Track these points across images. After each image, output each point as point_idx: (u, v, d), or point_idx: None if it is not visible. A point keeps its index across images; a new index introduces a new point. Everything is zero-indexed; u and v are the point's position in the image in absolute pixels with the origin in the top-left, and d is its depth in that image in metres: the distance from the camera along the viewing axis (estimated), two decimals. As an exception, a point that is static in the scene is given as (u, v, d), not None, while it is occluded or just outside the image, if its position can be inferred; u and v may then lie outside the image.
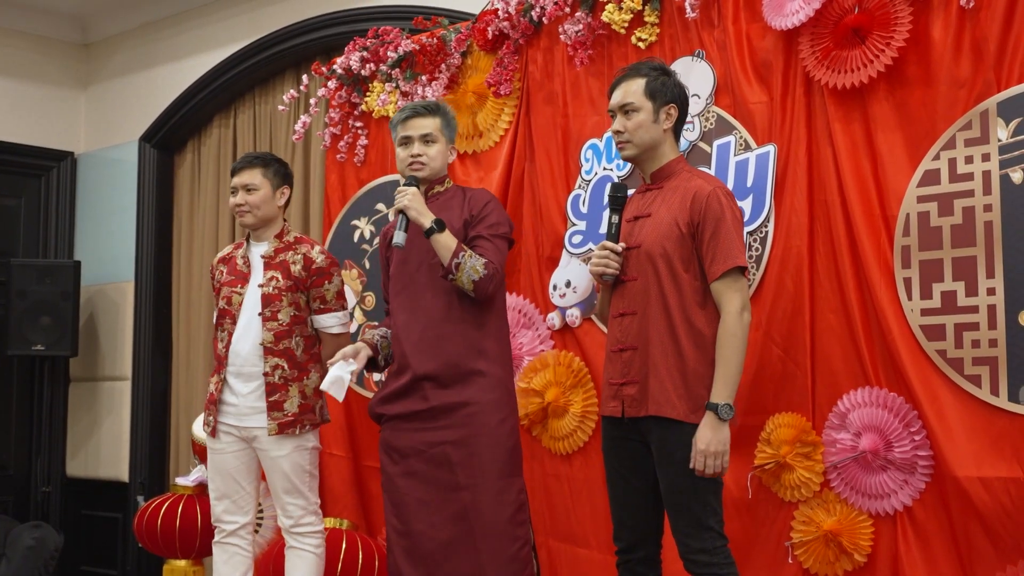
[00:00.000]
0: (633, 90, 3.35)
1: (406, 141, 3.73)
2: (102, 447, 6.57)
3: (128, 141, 6.64)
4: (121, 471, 6.45)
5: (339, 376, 3.61)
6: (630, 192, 3.47)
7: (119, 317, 6.57)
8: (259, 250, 4.05)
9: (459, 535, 3.56)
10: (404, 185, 3.67)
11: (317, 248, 4.04)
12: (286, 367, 3.93)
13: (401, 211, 3.61)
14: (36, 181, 6.84)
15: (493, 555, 3.54)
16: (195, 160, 6.47)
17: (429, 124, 3.72)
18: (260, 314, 3.94)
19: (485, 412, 3.59)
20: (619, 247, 3.33)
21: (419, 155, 3.70)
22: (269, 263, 4.00)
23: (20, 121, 6.72)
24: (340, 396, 3.64)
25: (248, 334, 3.96)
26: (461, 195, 3.76)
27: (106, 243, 6.71)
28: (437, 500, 3.60)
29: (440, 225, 3.57)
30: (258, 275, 4.00)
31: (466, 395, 3.60)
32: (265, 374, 3.92)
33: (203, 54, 6.25)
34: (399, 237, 3.60)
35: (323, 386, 3.62)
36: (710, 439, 3.09)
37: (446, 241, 3.55)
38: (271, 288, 3.95)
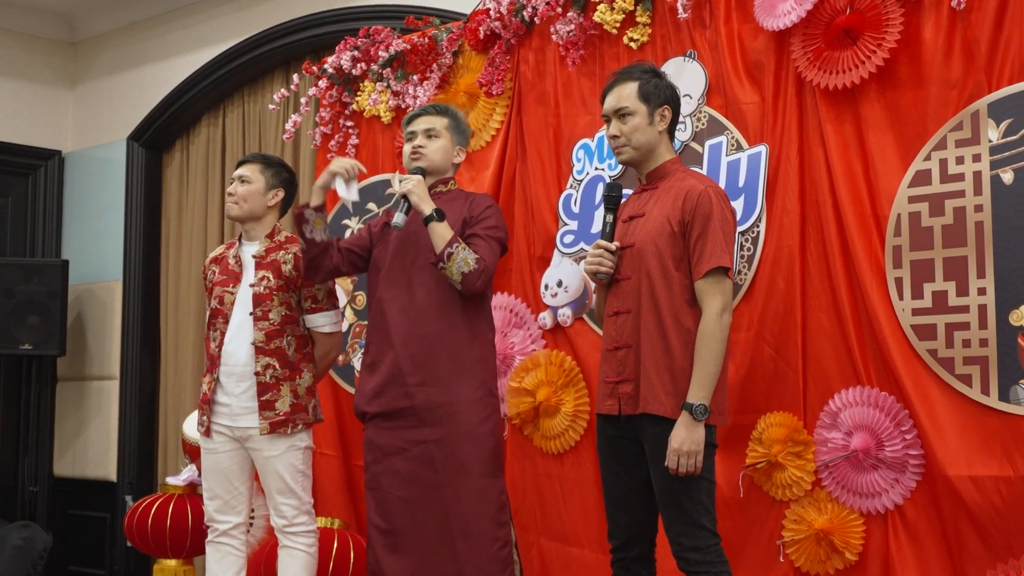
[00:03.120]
0: (626, 94, 3.36)
1: (411, 136, 3.82)
2: (90, 447, 6.55)
3: (116, 140, 6.62)
4: (109, 471, 6.43)
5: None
6: (626, 192, 3.48)
7: (107, 316, 6.55)
8: (250, 249, 4.05)
9: (440, 534, 3.59)
10: (411, 173, 3.74)
11: None
12: (277, 366, 3.93)
13: (404, 195, 3.65)
14: (23, 180, 6.81)
15: (473, 555, 3.56)
16: (183, 159, 6.45)
17: (434, 121, 3.82)
18: (251, 314, 3.94)
19: (467, 411, 3.62)
20: (613, 246, 3.34)
21: (420, 146, 3.78)
22: (260, 263, 4.00)
23: (7, 119, 6.69)
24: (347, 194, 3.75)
25: (240, 334, 3.95)
26: (463, 197, 3.81)
27: (94, 242, 6.69)
28: (419, 498, 3.62)
29: (440, 215, 3.61)
30: (249, 275, 4.00)
31: (449, 394, 3.62)
32: (256, 373, 3.91)
33: (192, 53, 6.23)
34: (398, 218, 3.62)
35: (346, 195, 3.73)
36: (684, 438, 3.11)
37: (442, 231, 3.59)
38: (262, 288, 3.95)
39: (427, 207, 3.61)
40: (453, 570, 3.58)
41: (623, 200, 3.46)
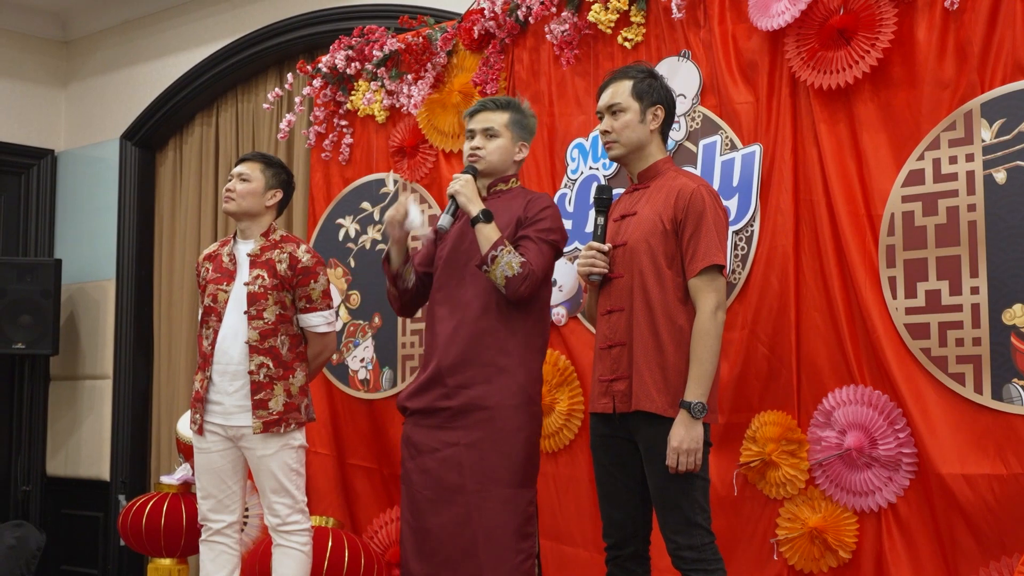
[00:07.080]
0: (620, 91, 3.38)
1: (470, 135, 3.68)
2: (83, 446, 6.54)
3: (109, 139, 6.61)
4: (102, 470, 6.42)
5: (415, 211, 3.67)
6: (617, 192, 3.50)
7: (100, 315, 6.54)
8: (245, 248, 4.05)
9: (462, 540, 3.50)
10: (462, 172, 3.61)
11: (303, 247, 4.03)
12: (271, 365, 3.93)
13: (452, 196, 3.55)
14: (16, 179, 6.80)
15: (494, 565, 3.47)
16: (176, 158, 6.44)
17: (494, 119, 3.64)
18: (246, 312, 3.94)
19: (503, 418, 3.51)
20: (605, 247, 3.35)
21: (478, 148, 3.64)
22: (255, 261, 4.00)
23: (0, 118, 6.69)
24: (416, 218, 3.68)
25: (234, 332, 3.95)
26: (523, 196, 3.66)
27: (87, 241, 6.67)
28: (442, 500, 3.55)
29: (487, 216, 3.49)
30: (244, 273, 4.00)
31: (486, 398, 3.52)
32: (250, 372, 3.91)
33: (185, 52, 6.23)
34: (444, 219, 3.54)
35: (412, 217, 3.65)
36: (683, 437, 3.12)
37: (488, 232, 3.48)
38: (256, 286, 3.95)
39: (474, 208, 3.50)
40: None
41: (614, 200, 3.47)
